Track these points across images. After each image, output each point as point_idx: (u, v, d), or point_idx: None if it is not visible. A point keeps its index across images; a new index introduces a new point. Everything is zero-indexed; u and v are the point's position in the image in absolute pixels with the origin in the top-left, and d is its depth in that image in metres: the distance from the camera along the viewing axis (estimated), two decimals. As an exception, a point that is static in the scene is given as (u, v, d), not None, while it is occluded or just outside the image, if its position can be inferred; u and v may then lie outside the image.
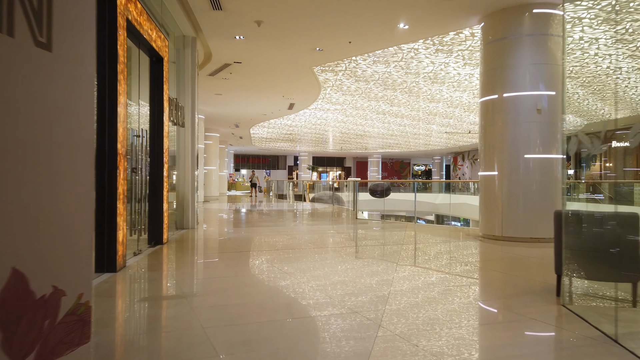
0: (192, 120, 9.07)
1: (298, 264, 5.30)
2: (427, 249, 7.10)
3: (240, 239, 8.44)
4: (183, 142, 8.95)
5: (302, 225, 10.87)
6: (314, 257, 5.85)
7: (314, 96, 15.12)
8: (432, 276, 4.81)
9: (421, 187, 37.17)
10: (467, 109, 17.76)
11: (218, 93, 14.81)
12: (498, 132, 7.79)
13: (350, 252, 6.49)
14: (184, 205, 8.95)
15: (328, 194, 22.02)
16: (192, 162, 9.06)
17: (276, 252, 6.50)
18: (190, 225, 8.96)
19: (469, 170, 40.27)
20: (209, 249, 7.08)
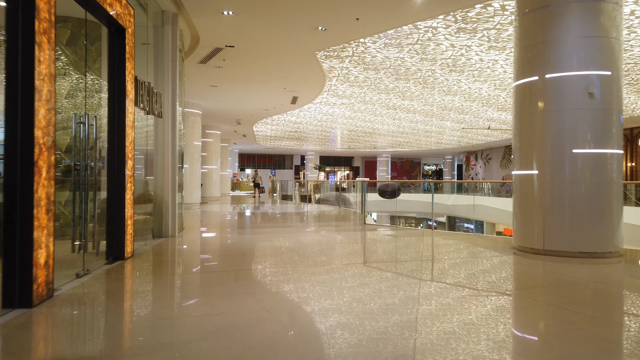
0: (173, 111, 7.75)
1: (299, 294, 3.94)
2: (453, 266, 5.71)
3: (226, 250, 7.11)
4: (161, 135, 7.64)
5: (304, 231, 9.52)
6: (318, 285, 4.49)
7: (318, 88, 13.77)
8: (470, 312, 3.43)
9: (432, 187, 35.66)
10: (485, 103, 16.30)
11: (213, 85, 13.51)
12: (538, 122, 6.38)
13: (364, 274, 5.12)
14: (163, 210, 7.63)
15: (334, 194, 20.66)
16: (172, 159, 7.74)
17: (271, 268, 5.16)
18: (170, 233, 7.65)
19: (482, 170, 38.71)
20: (183, 266, 5.74)
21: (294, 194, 26.07)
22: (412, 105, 16.99)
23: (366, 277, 4.75)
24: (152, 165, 7.61)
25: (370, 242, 7.90)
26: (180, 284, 4.63)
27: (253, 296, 3.85)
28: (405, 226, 44.13)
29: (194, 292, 4.28)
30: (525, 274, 5.30)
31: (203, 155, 22.31)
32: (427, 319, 3.22)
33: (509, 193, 29.90)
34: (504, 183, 32.65)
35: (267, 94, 14.84)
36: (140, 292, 4.25)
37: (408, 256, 6.38)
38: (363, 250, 6.95)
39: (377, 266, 5.45)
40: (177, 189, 7.84)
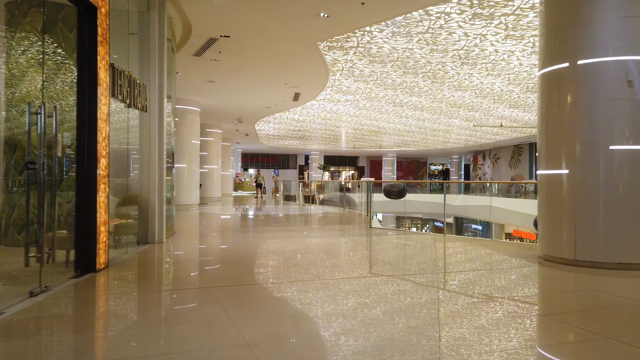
0: (160, 105, 7.05)
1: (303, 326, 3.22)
2: (471, 282, 4.96)
3: (216, 260, 6.40)
4: (147, 131, 6.94)
5: (305, 236, 8.80)
6: (319, 307, 3.78)
7: (321, 84, 13.04)
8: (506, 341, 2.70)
9: (438, 187, 35.00)
10: (497, 100, 15.51)
11: (210, 80, 12.82)
12: (568, 114, 5.62)
13: (374, 289, 4.40)
14: (148, 214, 6.93)
15: (339, 195, 19.93)
16: (159, 157, 7.04)
17: (264, 284, 4.45)
18: (156, 239, 6.95)
19: (490, 170, 37.84)
20: (160, 281, 5.03)
21: (298, 195, 25.35)
22: (419, 102, 16.24)
23: (377, 293, 4.03)
24: (139, 165, 6.92)
25: (378, 250, 7.16)
26: (150, 306, 3.92)
27: (235, 324, 3.12)
28: (411, 226, 43.45)
29: (164, 317, 3.57)
30: (560, 291, 4.55)
31: (203, 155, 21.66)
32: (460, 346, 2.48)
33: (518, 194, 29.10)
34: (512, 183, 31.83)
35: (267, 90, 14.14)
36: (97, 316, 3.54)
37: (422, 267, 5.64)
38: (371, 260, 6.21)
39: (389, 280, 4.72)
40: (164, 191, 7.14)
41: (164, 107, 7.10)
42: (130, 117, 6.81)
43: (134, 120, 6.90)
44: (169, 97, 8.01)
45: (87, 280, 4.51)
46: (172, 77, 8.74)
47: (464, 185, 33.81)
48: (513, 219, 25.20)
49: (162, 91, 7.06)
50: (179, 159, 15.64)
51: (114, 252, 5.92)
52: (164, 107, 7.09)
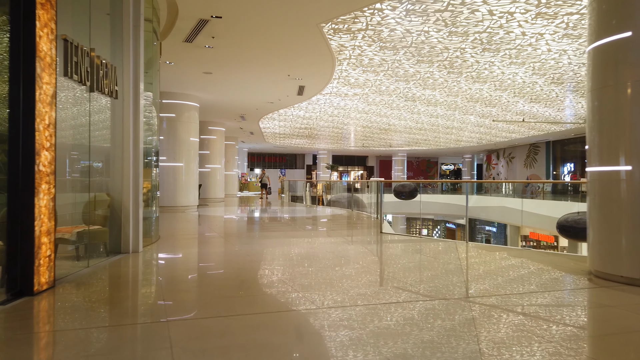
0: (135, 92, 6.04)
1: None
2: (513, 303, 3.87)
3: (197, 277, 5.37)
4: (119, 123, 5.93)
5: (307, 244, 7.74)
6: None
7: (326, 75, 11.98)
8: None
9: (450, 188, 33.82)
10: (518, 93, 14.34)
11: (207, 71, 11.82)
12: (628, 97, 4.51)
13: (394, 322, 3.33)
14: (121, 219, 5.92)
15: (346, 196, 18.86)
16: (134, 153, 6.03)
17: (244, 319, 3.40)
18: (130, 248, 5.93)
19: (505, 170, 36.52)
20: (112, 309, 3.98)
21: (305, 195, 24.29)
22: (433, 97, 15.11)
23: (400, 331, 2.95)
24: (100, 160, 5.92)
25: (394, 264, 6.08)
26: (79, 352, 2.88)
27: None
28: (422, 227, 42.23)
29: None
30: (634, 329, 3.44)
31: (205, 154, 20.75)
32: None
33: (534, 194, 27.80)
34: (533, 183, 30.54)
35: (269, 83, 13.10)
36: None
37: (459, 289, 4.55)
38: (386, 278, 5.13)
39: (412, 306, 3.64)
40: (140, 191, 6.12)
41: (140, 95, 6.08)
42: (102, 106, 5.81)
43: (105, 110, 5.90)
44: (149, 85, 7.01)
45: (17, 307, 3.50)
46: (155, 65, 7.74)
47: (477, 185, 32.61)
48: (530, 220, 23.94)
49: (137, 76, 6.04)
50: (177, 157, 14.70)
51: (70, 266, 4.92)
52: (140, 94, 6.07)
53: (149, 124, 7.30)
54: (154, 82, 7.46)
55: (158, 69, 8.08)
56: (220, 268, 5.66)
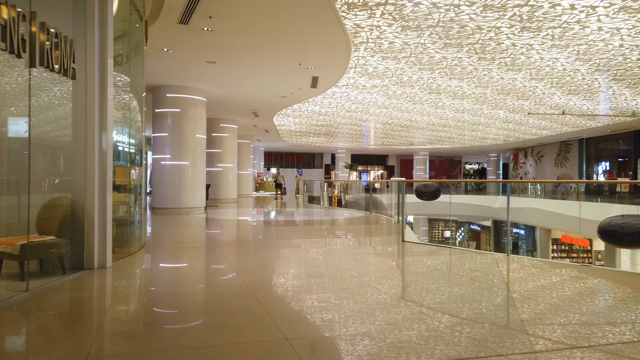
0: (102, 72, 4.95)
1: None
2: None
3: (176, 306, 4.24)
4: (81, 110, 4.85)
5: (318, 257, 6.55)
6: None
7: (342, 62, 10.77)
8: None
9: (474, 188, 32.24)
10: (556, 83, 12.88)
11: (210, 60, 10.74)
12: None
13: None
14: (85, 226, 4.84)
15: (364, 197, 17.61)
16: (99, 148, 4.94)
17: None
18: (97, 263, 4.85)
19: (533, 169, 34.68)
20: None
21: (322, 196, 23.08)
22: (460, 88, 13.75)
23: None
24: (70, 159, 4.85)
25: (425, 286, 4.84)
26: None
27: None
28: (445, 229, 40.60)
29: None
30: None
31: (216, 152, 19.81)
32: None
33: (565, 194, 26.04)
34: (558, 184, 28.72)
35: (280, 73, 11.96)
36: None
37: (527, 342, 3.31)
38: (416, 312, 3.91)
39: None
40: (109, 193, 5.03)
41: (107, 75, 4.98)
42: (63, 90, 4.75)
43: (66, 93, 4.84)
44: (135, 74, 5.93)
45: None
46: (140, 52, 6.67)
47: (502, 185, 30.92)
48: (561, 223, 22.36)
49: (104, 52, 4.94)
50: (182, 155, 13.69)
51: (5, 288, 3.85)
52: (107, 74, 4.98)
53: (131, 118, 6.23)
54: (136, 72, 6.39)
55: (142, 57, 6.99)
56: (208, 289, 4.52)
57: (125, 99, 6.18)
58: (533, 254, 28.10)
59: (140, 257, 5.94)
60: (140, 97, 6.77)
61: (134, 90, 6.62)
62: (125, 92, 6.10)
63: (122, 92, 6.08)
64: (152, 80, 12.90)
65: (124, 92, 6.07)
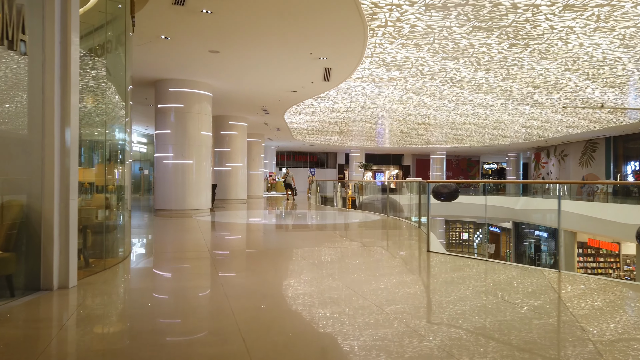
0: (64, 49, 4.04)
1: None
2: None
3: (134, 344, 3.30)
4: (37, 94, 3.94)
5: (331, 276, 5.58)
6: None
7: (357, 51, 9.77)
8: None
9: (493, 188, 30.97)
10: (593, 74, 11.70)
11: (213, 50, 9.83)
12: None
13: None
14: (43, 237, 3.93)
15: (381, 198, 16.58)
16: (62, 136, 4.03)
17: None
18: (56, 282, 3.94)
19: (556, 169, 33.22)
20: None
21: (335, 197, 22.07)
22: (485, 81, 12.65)
23: None
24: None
25: (481, 322, 3.83)
26: None
27: None
28: (462, 231, 39.26)
29: None
30: None
31: (225, 151, 18.98)
32: None
33: (590, 196, 24.69)
34: (583, 184, 27.29)
35: (289, 65, 11.00)
36: None
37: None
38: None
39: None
40: (72, 196, 4.12)
41: (71, 53, 4.06)
42: (17, 71, 3.86)
43: (19, 76, 3.94)
44: (119, 64, 5.04)
45: None
46: (126, 41, 5.77)
47: (522, 186, 29.57)
48: (588, 225, 21.08)
49: (67, 24, 4.03)
50: (186, 154, 12.83)
51: None
52: (71, 52, 4.06)
53: (113, 113, 5.33)
54: (118, 62, 5.49)
55: (125, 45, 6.06)
56: (170, 338, 3.57)
57: (101, 89, 5.30)
58: (556, 257, 26.78)
59: (117, 272, 5.03)
60: (123, 90, 5.88)
61: (115, 83, 5.74)
62: (104, 83, 5.22)
63: (99, 82, 5.20)
64: (154, 73, 12.05)
65: (100, 82, 5.19)
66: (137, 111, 18.24)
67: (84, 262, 4.89)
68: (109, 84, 5.60)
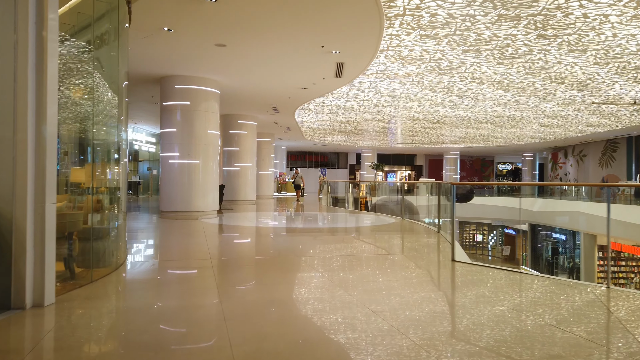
0: (41, 29, 3.50)
1: None
2: None
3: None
4: (9, 79, 3.40)
5: (350, 288, 4.99)
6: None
7: (372, 43, 9.15)
8: None
9: (508, 190, 30.09)
10: (623, 68, 10.96)
11: (220, 43, 9.28)
12: None
13: None
14: (14, 248, 3.39)
15: (395, 199, 15.93)
16: (37, 131, 3.49)
17: None
18: (29, 300, 3.42)
19: (574, 170, 32.23)
20: None
21: (347, 198, 21.44)
22: (507, 77, 11.96)
23: None
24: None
25: (513, 346, 3.21)
26: None
27: None
28: (476, 233, 38.41)
29: None
30: None
31: (234, 151, 18.48)
32: None
33: (612, 197, 23.80)
34: (603, 186, 26.29)
35: (300, 59, 10.42)
36: None
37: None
38: None
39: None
40: (49, 202, 3.58)
41: (49, 33, 3.52)
42: None
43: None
44: (111, 57, 4.52)
45: None
46: (118, 31, 5.24)
47: (538, 188, 28.69)
48: (610, 228, 20.23)
49: (42, 2, 3.49)
50: (192, 153, 12.32)
51: None
52: (49, 30, 3.52)
53: (107, 111, 4.80)
54: (111, 56, 4.96)
55: (117, 39, 5.51)
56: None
57: (92, 83, 4.77)
58: (575, 261, 25.97)
59: (105, 285, 4.48)
60: (117, 86, 5.35)
61: (108, 77, 5.22)
62: (91, 75, 4.68)
63: (88, 75, 4.67)
64: (159, 69, 11.56)
65: (88, 74, 4.66)
66: (145, 110, 17.82)
67: (69, 273, 4.35)
68: (101, 79, 5.09)
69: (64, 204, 4.19)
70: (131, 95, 15.03)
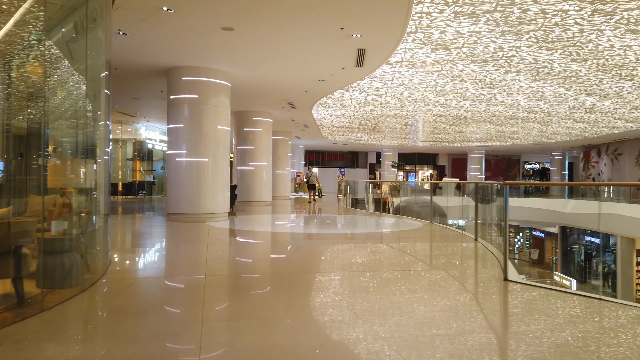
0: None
1: None
2: None
3: None
4: None
5: (377, 322, 3.90)
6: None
7: (398, 23, 8.03)
8: None
9: (535, 190, 28.52)
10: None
11: (227, 27, 8.29)
12: None
13: None
14: None
15: (422, 201, 14.74)
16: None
17: None
18: None
19: (608, 169, 30.43)
20: None
21: (367, 199, 20.26)
22: (548, 64, 10.68)
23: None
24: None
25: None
26: None
27: None
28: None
29: None
30: None
31: (249, 149, 17.56)
32: None
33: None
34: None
35: (317, 46, 9.36)
36: None
37: None
38: None
39: None
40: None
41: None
42: None
43: None
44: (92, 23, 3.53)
45: None
46: (95, 15, 4.26)
47: (568, 188, 27.06)
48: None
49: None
50: (200, 151, 11.38)
51: None
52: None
53: (76, 105, 3.82)
54: (84, 45, 3.98)
55: (93, 25, 4.53)
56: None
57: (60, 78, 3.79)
58: (611, 267, 24.31)
59: (57, 316, 3.47)
60: (93, 77, 4.37)
61: (79, 67, 4.25)
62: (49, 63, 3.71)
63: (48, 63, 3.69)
64: (165, 60, 10.64)
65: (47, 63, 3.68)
66: (157, 107, 17.01)
67: (17, 298, 3.38)
68: (69, 68, 4.13)
69: (8, 210, 3.22)
70: (139, 90, 14.21)
